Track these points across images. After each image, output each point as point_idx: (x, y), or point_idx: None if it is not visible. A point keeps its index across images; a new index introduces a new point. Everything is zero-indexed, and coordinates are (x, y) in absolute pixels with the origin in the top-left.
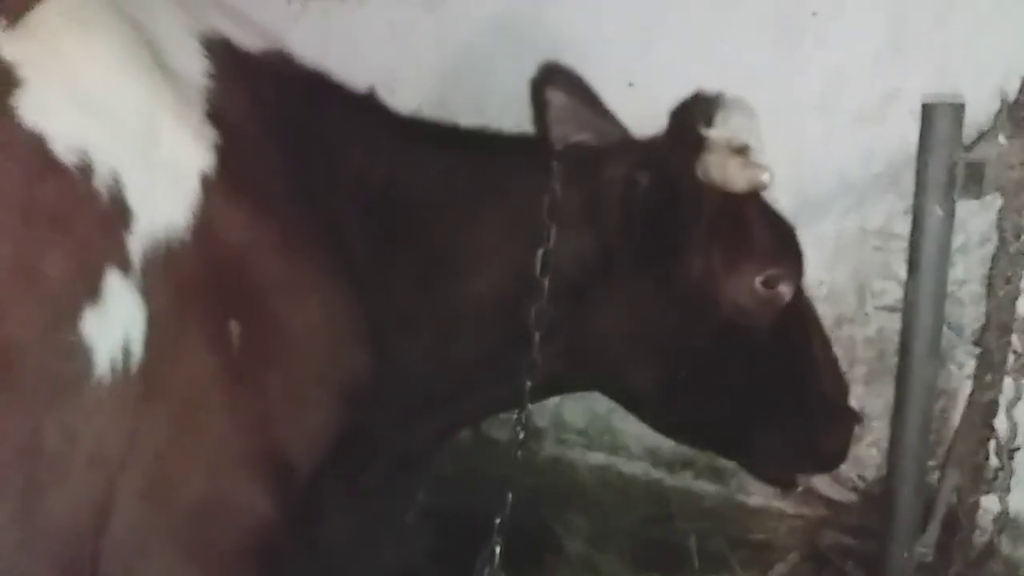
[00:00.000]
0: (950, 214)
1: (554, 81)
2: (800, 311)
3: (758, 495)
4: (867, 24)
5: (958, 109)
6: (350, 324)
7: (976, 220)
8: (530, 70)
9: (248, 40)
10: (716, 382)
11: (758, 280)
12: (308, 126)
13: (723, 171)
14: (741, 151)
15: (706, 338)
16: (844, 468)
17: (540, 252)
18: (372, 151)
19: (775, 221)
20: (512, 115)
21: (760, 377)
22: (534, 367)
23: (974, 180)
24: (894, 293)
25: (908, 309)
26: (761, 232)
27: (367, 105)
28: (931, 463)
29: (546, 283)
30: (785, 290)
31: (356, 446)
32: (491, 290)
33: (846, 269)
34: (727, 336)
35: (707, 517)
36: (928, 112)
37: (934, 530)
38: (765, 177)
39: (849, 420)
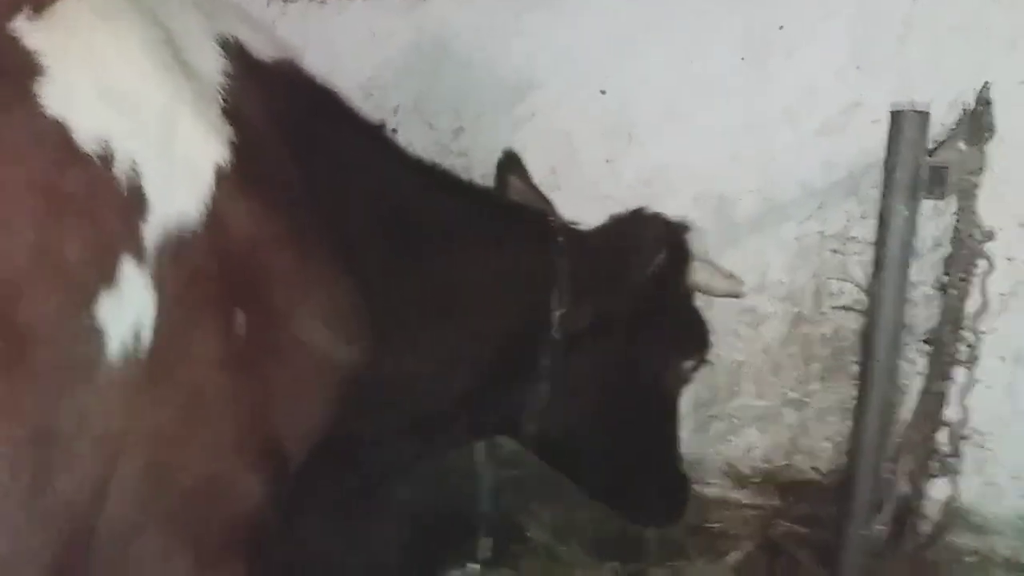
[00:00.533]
0: (914, 214)
1: (512, 167)
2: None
3: (715, 486)
4: (832, 40)
5: (924, 117)
6: (352, 326)
7: (930, 225)
8: (508, 76)
9: (262, 46)
10: (629, 435)
11: (686, 364)
12: (319, 135)
13: (710, 277)
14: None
15: (639, 400)
16: (799, 460)
17: (558, 313)
18: (383, 176)
19: (705, 323)
20: (488, 120)
21: (655, 436)
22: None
23: (937, 182)
24: (851, 294)
25: (873, 303)
26: (702, 326)
27: (376, 133)
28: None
29: (557, 338)
30: (696, 371)
31: (344, 447)
32: (489, 334)
33: (806, 271)
34: (651, 401)
35: None
36: (896, 119)
37: (889, 509)
38: (743, 289)
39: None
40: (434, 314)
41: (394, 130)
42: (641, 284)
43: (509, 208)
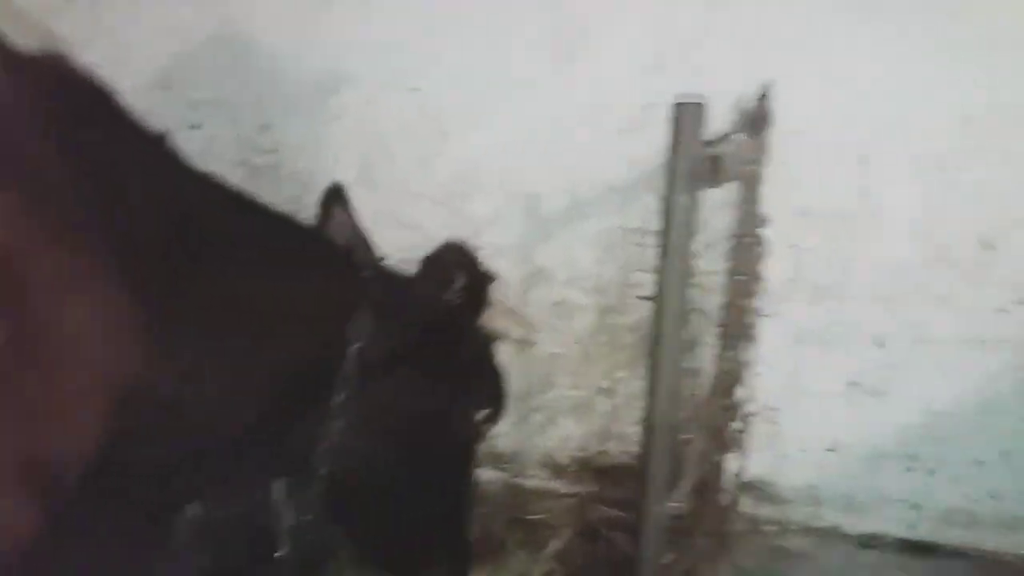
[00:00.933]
0: (695, 201)
1: (336, 200)
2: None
3: (535, 477)
4: (632, 42)
5: (700, 108)
6: (131, 336)
7: (721, 216)
8: (316, 71)
9: (27, 39)
10: (417, 487)
11: (481, 413)
12: (90, 137)
13: (506, 321)
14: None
15: (432, 449)
16: (612, 445)
17: (355, 347)
18: (164, 184)
19: (502, 375)
20: (296, 117)
21: (444, 492)
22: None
23: (715, 171)
24: (651, 285)
25: (659, 288)
26: (497, 375)
27: (157, 139)
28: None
29: (353, 373)
30: (489, 425)
31: (123, 473)
32: (279, 362)
33: (611, 264)
34: (445, 452)
35: (487, 501)
36: (678, 110)
37: (685, 485)
38: (536, 337)
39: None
40: (219, 335)
41: (196, 126)
42: (438, 317)
43: (308, 234)
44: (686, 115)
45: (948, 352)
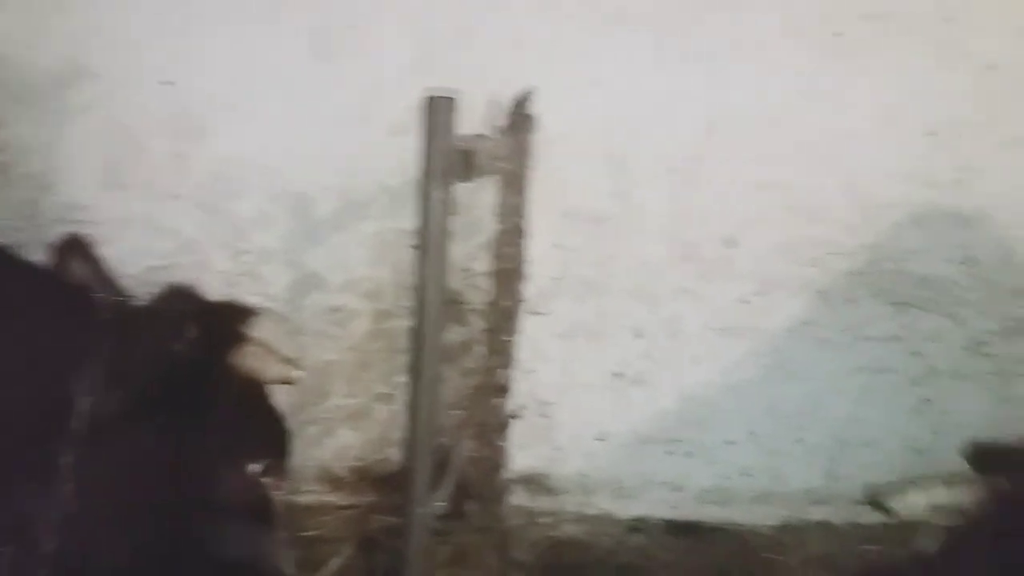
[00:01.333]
0: (449, 196)
1: (73, 250)
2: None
3: (311, 493)
4: (398, 43)
5: (451, 101)
6: None
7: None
8: (52, 63)
9: None
10: (185, 555)
11: (253, 467)
12: None
13: (262, 361)
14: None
15: (189, 514)
16: (393, 453)
17: (86, 401)
18: None
19: (278, 417)
20: (30, 112)
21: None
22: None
23: (468, 166)
24: None
25: (419, 284)
26: (271, 420)
27: None
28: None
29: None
30: (268, 480)
31: None
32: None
33: (387, 267)
34: (207, 515)
35: None
36: (430, 104)
37: (449, 484)
38: (296, 374)
39: None
40: None
41: None
42: (177, 366)
43: (32, 272)
44: (438, 109)
45: (699, 342)
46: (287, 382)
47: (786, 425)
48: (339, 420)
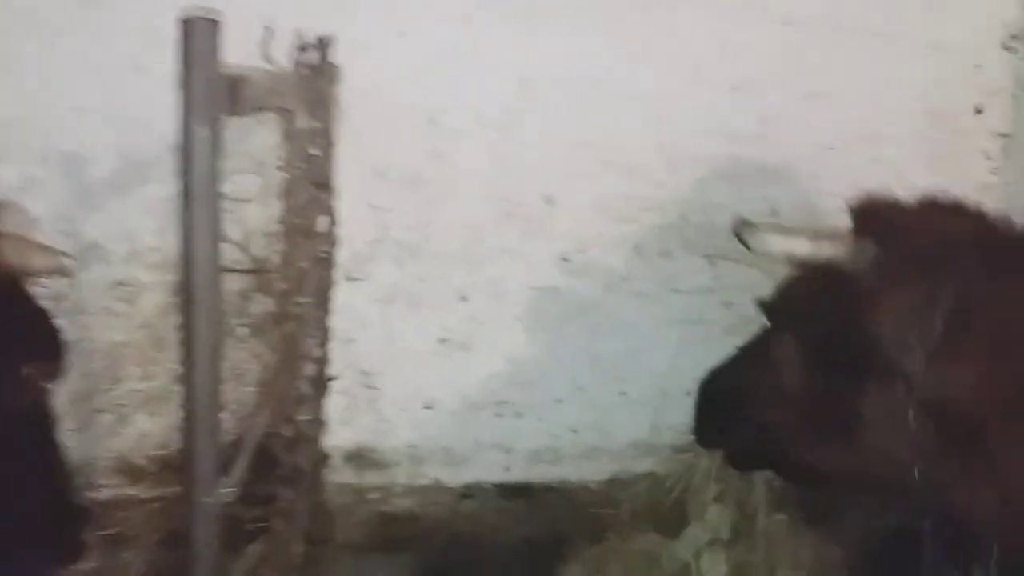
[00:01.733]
0: (216, 133)
1: None
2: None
3: (109, 488)
4: None
5: (215, 24)
6: None
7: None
8: None
9: None
10: None
11: (24, 369)
12: None
13: (22, 253)
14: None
15: None
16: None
17: None
18: None
19: (47, 316)
20: None
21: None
22: None
23: (236, 97)
24: (229, 255)
25: (185, 236)
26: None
27: None
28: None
29: None
30: (43, 384)
31: None
32: None
33: (177, 235)
34: None
35: None
36: (188, 27)
37: (239, 469)
38: (66, 261)
39: (85, 516)
40: None
41: None
42: None
43: None
44: (197, 31)
45: (522, 302)
46: (58, 271)
47: (610, 379)
48: (135, 406)
